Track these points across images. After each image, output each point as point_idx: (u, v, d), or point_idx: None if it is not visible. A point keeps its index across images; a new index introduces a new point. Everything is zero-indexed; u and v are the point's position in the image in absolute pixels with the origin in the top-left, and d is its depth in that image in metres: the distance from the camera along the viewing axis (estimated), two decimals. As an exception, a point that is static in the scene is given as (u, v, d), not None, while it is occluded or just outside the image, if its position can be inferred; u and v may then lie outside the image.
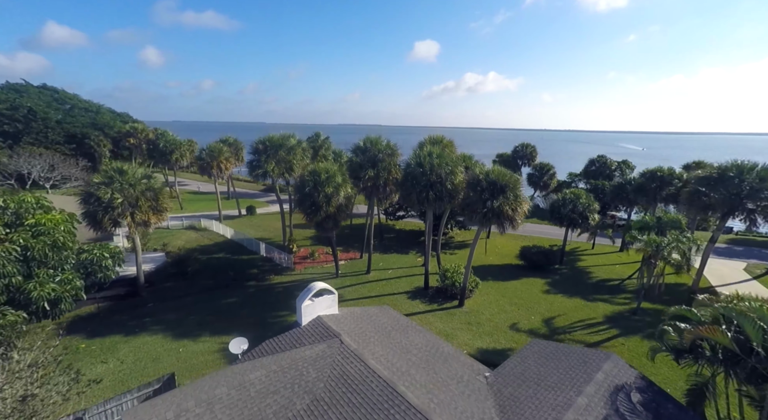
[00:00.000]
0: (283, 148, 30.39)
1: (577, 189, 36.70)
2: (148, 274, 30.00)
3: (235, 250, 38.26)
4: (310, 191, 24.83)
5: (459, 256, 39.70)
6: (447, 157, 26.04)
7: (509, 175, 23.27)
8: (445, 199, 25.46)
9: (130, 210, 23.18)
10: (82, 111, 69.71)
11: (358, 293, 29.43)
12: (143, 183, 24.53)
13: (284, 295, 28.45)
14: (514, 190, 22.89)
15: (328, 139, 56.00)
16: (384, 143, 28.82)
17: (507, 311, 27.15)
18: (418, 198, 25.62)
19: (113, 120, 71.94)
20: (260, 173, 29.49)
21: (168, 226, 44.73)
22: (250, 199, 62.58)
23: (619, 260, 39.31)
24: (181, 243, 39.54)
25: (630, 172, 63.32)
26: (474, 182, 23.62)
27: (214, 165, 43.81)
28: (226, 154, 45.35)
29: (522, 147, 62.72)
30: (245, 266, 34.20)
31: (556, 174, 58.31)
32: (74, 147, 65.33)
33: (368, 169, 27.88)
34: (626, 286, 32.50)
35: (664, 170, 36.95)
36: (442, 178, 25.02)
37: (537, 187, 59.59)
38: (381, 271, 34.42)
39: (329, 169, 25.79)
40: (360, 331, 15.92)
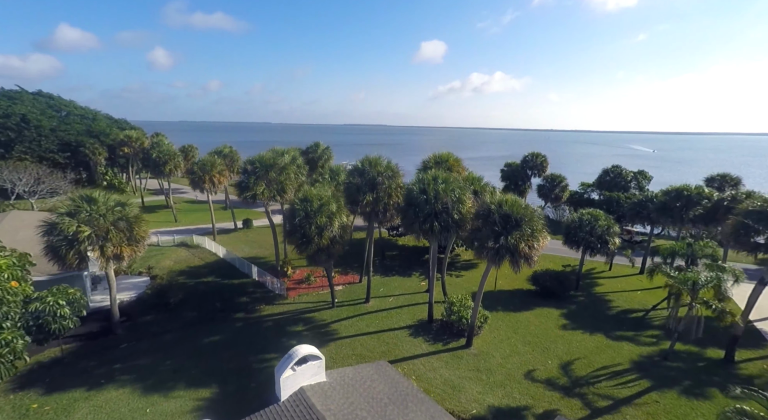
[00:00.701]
0: (275, 168, 27.85)
1: (596, 210, 33.64)
2: (128, 305, 27.63)
3: (226, 273, 35.81)
4: (300, 222, 22.25)
5: (466, 278, 36.92)
6: (454, 182, 23.29)
7: (525, 207, 20.49)
8: (451, 229, 22.74)
9: (99, 243, 20.75)
10: (78, 118, 67.96)
11: (356, 328, 26.77)
12: (116, 211, 22.11)
13: (274, 332, 25.87)
14: (531, 224, 20.07)
15: (328, 150, 53.54)
16: (384, 164, 26.14)
17: (520, 353, 24.31)
18: (421, 228, 22.92)
19: (109, 127, 70.09)
20: (249, 196, 26.96)
21: (158, 243, 42.51)
22: (247, 210, 60.26)
23: (640, 285, 36.22)
24: (169, 264, 37.20)
25: (647, 182, 60.15)
26: (484, 213, 20.85)
27: (206, 179, 41.44)
28: (220, 167, 42.98)
29: (532, 156, 59.66)
30: (235, 293, 31.70)
31: (568, 186, 55.15)
32: (68, 155, 63.61)
33: (367, 194, 25.22)
34: (651, 319, 29.46)
35: (691, 189, 33.78)
36: (448, 206, 22.29)
37: (547, 199, 56.53)
38: (381, 299, 31.72)
39: (322, 196, 23.16)
40: (350, 410, 13.24)
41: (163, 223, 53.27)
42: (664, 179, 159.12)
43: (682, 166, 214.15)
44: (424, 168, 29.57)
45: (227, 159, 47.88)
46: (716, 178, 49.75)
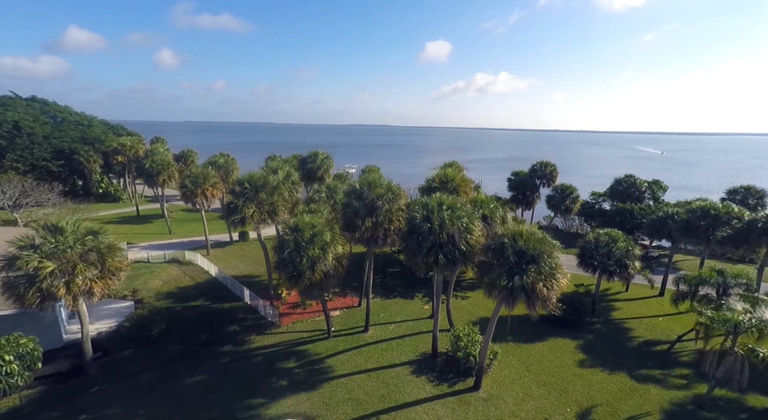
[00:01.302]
0: (266, 188, 25.58)
1: (613, 230, 31.06)
2: (106, 337, 25.52)
3: (216, 295, 33.59)
4: (290, 254, 19.96)
5: (472, 300, 34.48)
6: (461, 208, 20.86)
7: (543, 241, 18.04)
8: (458, 261, 20.33)
9: (65, 279, 18.59)
10: (72, 124, 66.30)
11: (353, 364, 24.44)
12: (87, 241, 19.95)
13: (263, 369, 23.61)
14: (551, 260, 17.61)
15: (328, 159, 51.30)
16: (384, 185, 23.77)
17: (535, 396, 21.84)
18: (424, 261, 20.54)
19: (105, 133, 68.35)
20: (237, 220, 24.70)
21: (149, 259, 40.48)
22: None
23: (661, 309, 33.59)
24: (157, 284, 35.08)
25: (662, 193, 57.28)
26: (496, 247, 18.42)
27: (198, 193, 39.32)
28: (213, 179, 40.84)
29: (540, 165, 57.01)
30: (224, 320, 29.47)
31: (579, 197, 52.45)
32: (62, 163, 61.92)
33: (366, 219, 22.89)
34: (678, 353, 26.84)
35: (719, 207, 31.06)
36: (454, 237, 19.89)
37: (557, 211, 53.87)
38: (382, 327, 29.36)
39: (315, 224, 20.86)
40: None
41: (156, 235, 51.33)
42: (675, 183, 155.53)
43: (693, 168, 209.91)
44: (428, 188, 27.14)
45: (222, 170, 45.75)
46: (739, 191, 46.83)
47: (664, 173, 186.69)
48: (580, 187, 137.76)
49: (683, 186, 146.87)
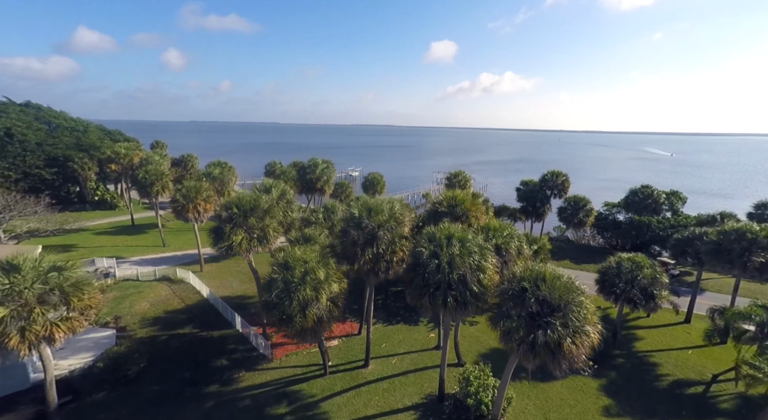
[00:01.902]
0: (256, 212, 23.17)
1: (637, 255, 28.29)
2: (79, 376, 23.23)
3: (206, 321, 31.23)
4: (278, 296, 17.53)
5: (481, 327, 31.77)
6: (472, 242, 18.28)
7: (571, 288, 15.41)
8: (469, 304, 17.76)
9: (18, 325, 16.29)
10: (67, 130, 64.51)
11: (351, 409, 21.97)
12: (50, 279, 17.63)
13: (251, 416, 21.21)
14: (580, 311, 15.00)
15: (328, 169, 48.92)
16: (387, 210, 21.22)
17: (556, 455, 19.24)
18: (431, 302, 18.00)
19: (101, 139, 66.46)
20: (224, 247, 22.34)
21: (138, 277, 38.30)
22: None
23: (689, 339, 30.73)
24: (144, 307, 32.82)
25: (681, 204, 54.20)
26: (515, 293, 15.84)
27: (189, 208, 37.09)
28: (206, 193, 38.57)
29: (551, 175, 54.16)
30: (213, 352, 27.11)
31: (593, 210, 49.54)
32: (56, 171, 60.10)
33: (365, 250, 20.40)
34: (716, 397, 24.05)
35: (756, 230, 28.13)
36: (466, 277, 17.32)
37: (569, 224, 51.01)
38: (383, 361, 26.86)
39: (307, 259, 18.38)
40: None
41: (150, 248, 49.17)
42: (687, 186, 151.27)
43: (704, 171, 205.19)
44: (435, 212, 24.54)
45: (216, 182, 43.51)
46: (760, 206, 43.77)
47: (676, 176, 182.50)
48: (590, 192, 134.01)
49: (696, 190, 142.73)
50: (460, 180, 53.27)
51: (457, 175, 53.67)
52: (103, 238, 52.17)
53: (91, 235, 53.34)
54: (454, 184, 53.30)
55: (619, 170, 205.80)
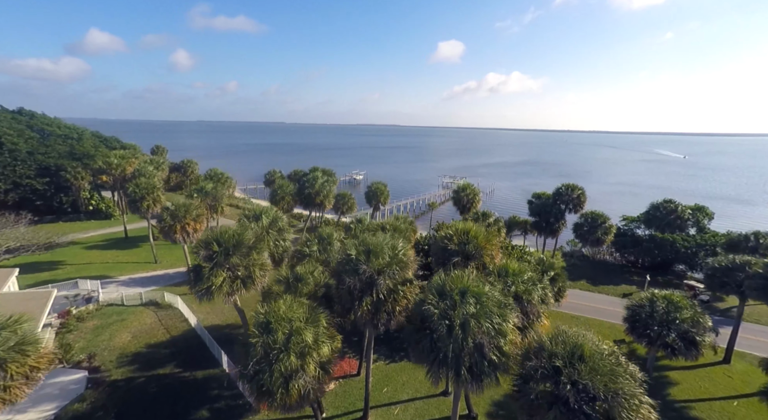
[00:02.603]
0: (240, 249, 20.29)
1: (673, 293, 24.92)
2: (41, 433, 20.54)
3: (191, 357, 28.42)
4: (255, 367, 14.59)
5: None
6: (490, 299, 15.20)
7: (616, 373, 12.25)
8: (487, 376, 14.69)
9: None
10: (61, 138, 62.44)
11: (345, 480, 19.09)
12: (-9, 339, 14.87)
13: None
14: (629, 406, 11.85)
15: (328, 183, 45.99)
16: (388, 251, 18.20)
17: None
18: (440, 369, 15.00)
19: (95, 147, 64.26)
20: (202, 290, 19.49)
21: (123, 301, 35.70)
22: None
23: (731, 385, 27.34)
24: (124, 340, 30.16)
25: (708, 220, 50.49)
26: (546, 375, 12.74)
27: (177, 229, 34.42)
28: (196, 212, 35.88)
29: (566, 189, 50.72)
30: (194, 398, 24.30)
31: (613, 227, 46.03)
32: (48, 181, 57.97)
33: (364, 298, 17.45)
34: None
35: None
36: (483, 345, 14.27)
37: (586, 242, 47.58)
38: (384, 410, 23.93)
39: (293, 317, 15.42)
40: None
41: (141, 265, 46.68)
42: (703, 191, 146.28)
43: (719, 174, 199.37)
44: (444, 250, 21.38)
45: (209, 197, 40.81)
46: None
47: (690, 180, 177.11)
48: (601, 196, 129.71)
49: (713, 195, 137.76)
50: (468, 194, 50.12)
51: (465, 188, 50.52)
52: (93, 253, 49.80)
53: (81, 250, 51.02)
54: (462, 198, 50.19)
55: (630, 173, 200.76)
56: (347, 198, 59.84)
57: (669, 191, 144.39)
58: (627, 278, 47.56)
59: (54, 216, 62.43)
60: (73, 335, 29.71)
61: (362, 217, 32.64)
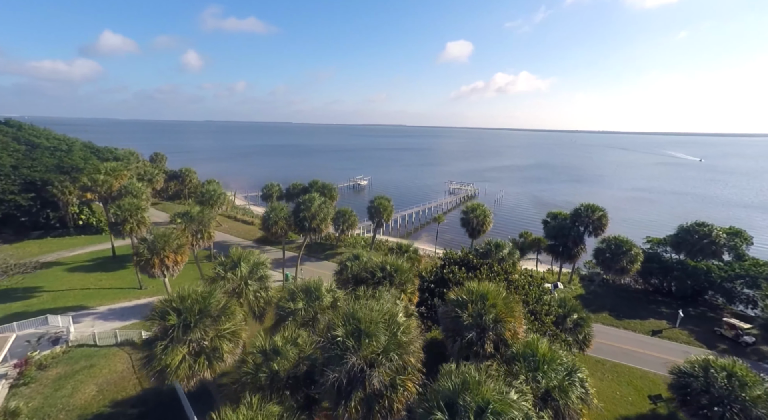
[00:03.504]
0: (203, 320, 16.44)
1: (737, 364, 20.58)
2: None
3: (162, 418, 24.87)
4: None
5: None
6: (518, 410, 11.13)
7: None
8: None
9: None
10: (49, 151, 59.54)
11: None
12: None
13: None
14: None
15: (325, 204, 41.98)
16: (384, 328, 14.24)
17: None
18: None
19: (85, 160, 61.26)
20: (155, 374, 15.64)
21: (95, 339, 32.18)
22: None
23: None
24: (89, 394, 26.59)
25: (746, 246, 45.62)
26: None
27: (155, 262, 30.84)
28: (177, 242, 32.27)
29: (585, 210, 46.21)
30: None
31: (639, 255, 41.39)
32: (33, 196, 55.06)
33: (354, 394, 13.56)
34: None
35: None
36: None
37: (609, 270, 43.07)
38: None
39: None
40: None
41: (124, 291, 43.29)
42: (725, 198, 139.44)
43: (739, 178, 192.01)
44: (455, 321, 17.17)
45: (195, 222, 37.21)
46: None
47: (709, 185, 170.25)
48: (618, 203, 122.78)
49: (735, 202, 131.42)
50: (478, 215, 45.96)
51: (474, 209, 46.39)
52: (75, 277, 46.55)
53: (64, 272, 47.88)
54: (471, 220, 46.04)
55: (645, 178, 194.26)
56: (347, 215, 56.01)
57: (688, 198, 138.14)
58: (654, 310, 43.01)
59: (42, 231, 59.61)
60: (29, 390, 26.24)
61: (360, 253, 28.80)
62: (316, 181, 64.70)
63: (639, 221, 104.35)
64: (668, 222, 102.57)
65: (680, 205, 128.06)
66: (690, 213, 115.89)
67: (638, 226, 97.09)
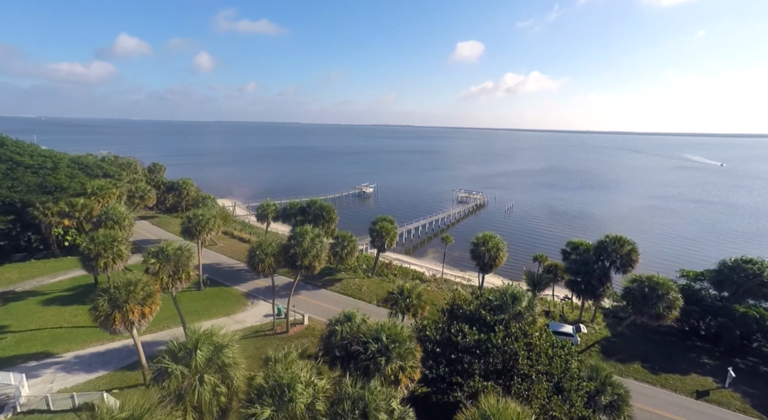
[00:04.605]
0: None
1: None
2: None
3: None
4: None
5: None
6: None
7: None
8: None
9: None
10: (32, 169, 56.23)
11: None
12: None
13: None
14: None
15: (318, 238, 37.31)
16: None
17: None
18: None
19: (71, 178, 57.77)
20: None
21: (49, 403, 27.94)
22: (228, 289, 45.64)
23: None
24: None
25: (801, 287, 39.60)
26: None
27: (116, 318, 26.63)
28: (143, 292, 28.02)
29: (612, 243, 40.86)
30: None
31: (679, 299, 35.86)
32: (12, 219, 51.75)
33: None
34: None
35: None
36: None
37: (642, 314, 37.64)
38: None
39: None
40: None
41: (98, 333, 38.19)
42: (752, 207, 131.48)
43: (766, 185, 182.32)
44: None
45: (171, 262, 32.98)
46: None
47: (734, 192, 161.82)
48: (634, 215, 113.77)
49: (766, 212, 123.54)
50: (490, 248, 40.91)
51: (486, 241, 41.41)
52: (48, 312, 42.76)
53: (38, 305, 44.16)
54: (483, 254, 41.01)
55: (664, 184, 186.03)
56: (347, 240, 51.51)
57: (712, 208, 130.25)
58: (695, 361, 37.48)
59: (25, 254, 56.34)
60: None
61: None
62: (315, 200, 60.37)
63: (660, 235, 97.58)
64: (692, 235, 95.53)
65: (705, 216, 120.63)
66: (716, 225, 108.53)
67: (660, 241, 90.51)
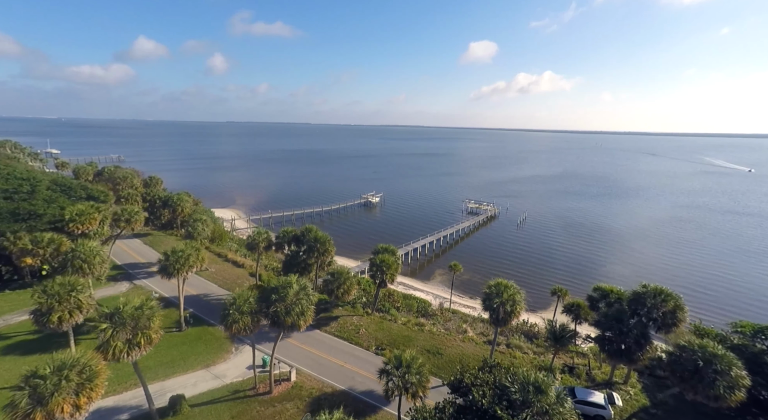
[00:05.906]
0: None
1: None
2: None
3: None
4: None
5: None
6: None
7: None
8: None
9: None
10: (6, 193, 52.17)
11: None
12: None
13: None
14: None
15: (304, 291, 31.78)
16: None
17: None
18: None
19: (49, 203, 53.57)
20: None
21: None
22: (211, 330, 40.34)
23: None
24: None
25: None
26: None
27: (35, 418, 21.42)
28: (80, 378, 22.82)
29: (653, 296, 34.28)
30: None
31: (745, 379, 29.15)
32: (-20, 250, 47.72)
33: None
34: None
35: None
36: None
37: (693, 390, 30.99)
38: None
39: None
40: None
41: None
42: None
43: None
44: None
45: (128, 328, 27.77)
46: None
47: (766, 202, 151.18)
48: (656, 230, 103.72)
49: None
50: (505, 300, 34.81)
51: (500, 291, 35.35)
52: (5, 365, 38.22)
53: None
54: (497, 308, 34.93)
55: (687, 192, 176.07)
56: (343, 277, 45.97)
57: (743, 221, 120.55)
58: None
59: (-1, 285, 52.31)
60: None
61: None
62: (311, 227, 54.99)
63: (690, 256, 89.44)
64: (728, 256, 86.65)
65: (739, 231, 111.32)
66: (752, 243, 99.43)
67: (691, 265, 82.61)
